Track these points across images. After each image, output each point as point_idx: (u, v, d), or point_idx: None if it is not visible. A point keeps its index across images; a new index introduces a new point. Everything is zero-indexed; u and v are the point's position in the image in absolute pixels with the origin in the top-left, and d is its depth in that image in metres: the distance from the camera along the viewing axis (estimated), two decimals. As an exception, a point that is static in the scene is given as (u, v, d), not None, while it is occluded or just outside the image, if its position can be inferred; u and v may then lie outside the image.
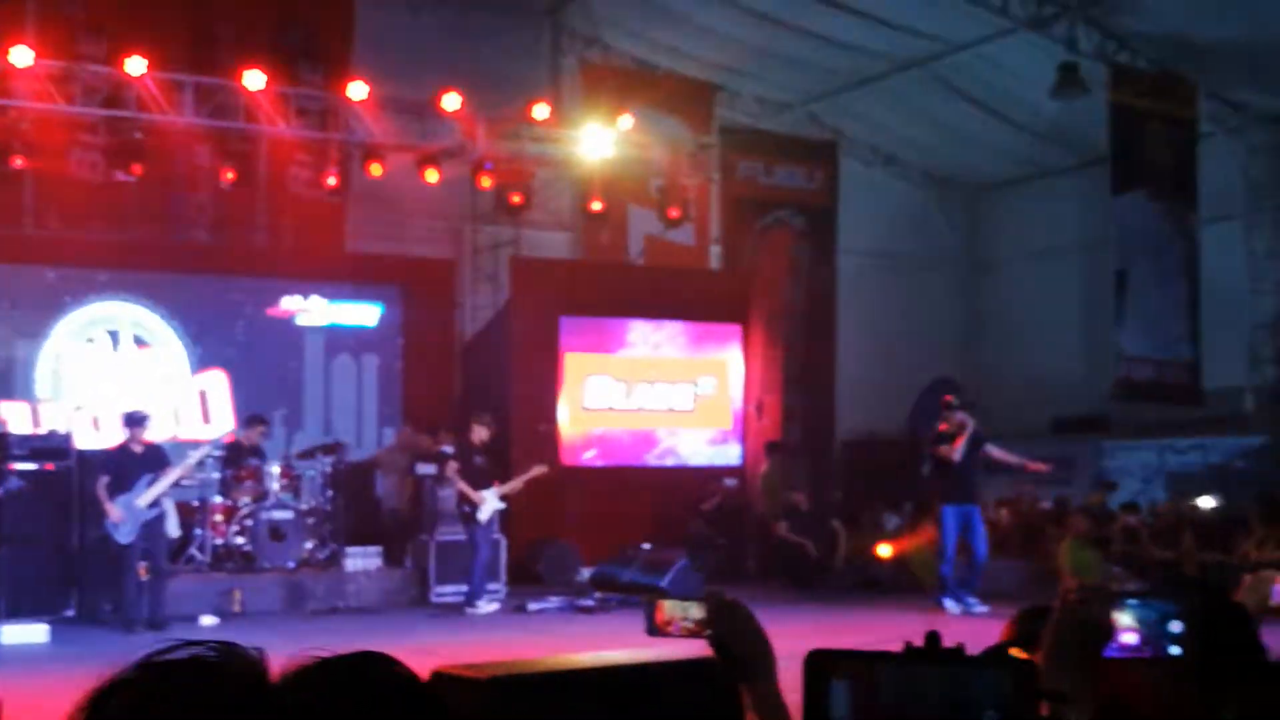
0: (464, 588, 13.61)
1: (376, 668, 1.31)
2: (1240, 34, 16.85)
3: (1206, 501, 15.80)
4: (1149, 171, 17.97)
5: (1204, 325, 18.17)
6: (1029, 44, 17.47)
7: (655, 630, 2.43)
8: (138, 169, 14.67)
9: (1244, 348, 19.04)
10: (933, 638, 1.82)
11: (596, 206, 17.56)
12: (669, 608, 2.41)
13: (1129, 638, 2.06)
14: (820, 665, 1.80)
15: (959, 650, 1.79)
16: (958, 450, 13.37)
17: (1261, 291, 19.22)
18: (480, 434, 13.93)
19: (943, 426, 13.70)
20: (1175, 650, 2.07)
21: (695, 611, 2.35)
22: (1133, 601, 2.07)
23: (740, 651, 2.24)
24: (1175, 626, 2.06)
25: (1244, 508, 15.50)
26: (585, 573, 15.31)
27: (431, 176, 16.11)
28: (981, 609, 12.80)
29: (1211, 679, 3.03)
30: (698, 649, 2.41)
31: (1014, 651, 2.47)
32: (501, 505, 13.91)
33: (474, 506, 13.58)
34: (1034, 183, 21.58)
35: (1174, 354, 17.93)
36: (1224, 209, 18.89)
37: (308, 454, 14.88)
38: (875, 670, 1.77)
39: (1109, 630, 2.03)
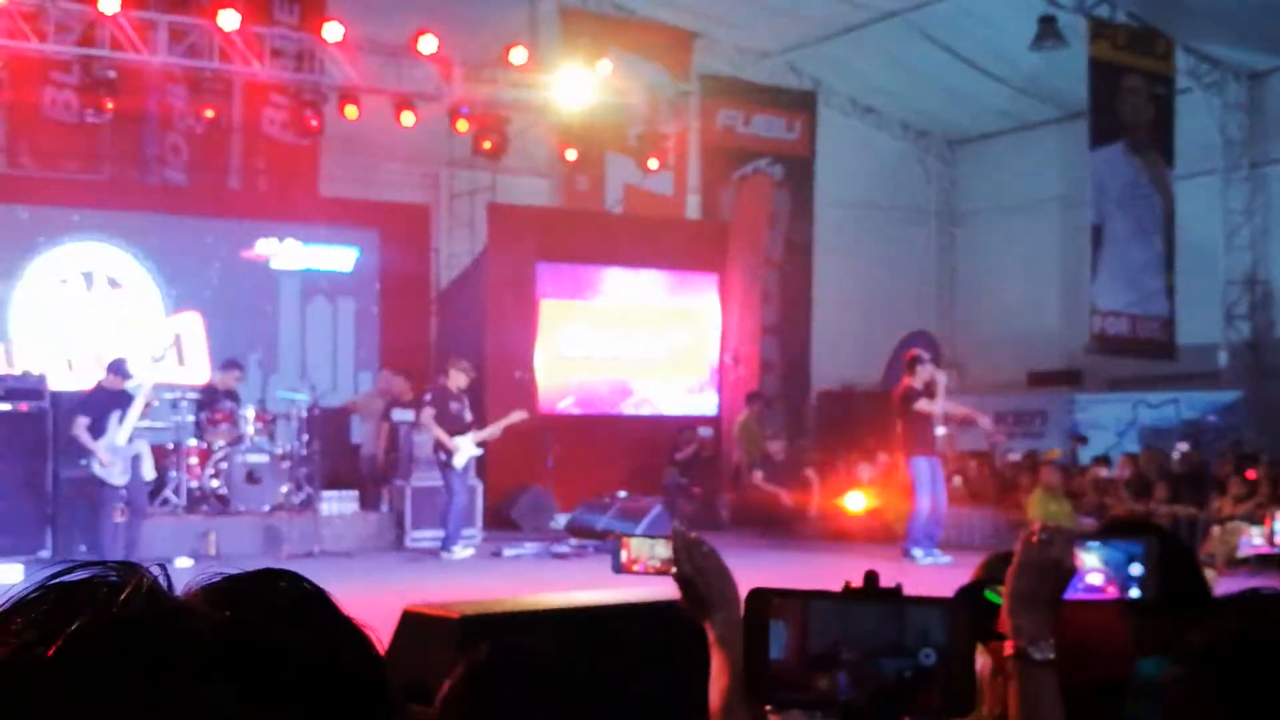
0: (440, 533, 13.62)
1: (283, 582, 1.30)
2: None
3: (1178, 449, 15.94)
4: (1126, 126, 18.01)
5: (1179, 281, 18.26)
6: (1009, -5, 17.43)
7: (621, 568, 2.46)
8: (110, 108, 14.51)
9: (1219, 304, 19.15)
10: (870, 577, 1.84)
11: (571, 155, 17.48)
12: (635, 546, 2.44)
13: (1094, 578, 2.07)
14: (760, 604, 1.83)
15: (896, 590, 1.81)
16: (939, 404, 13.37)
17: (1237, 248, 19.31)
18: (458, 380, 13.90)
19: (907, 380, 13.66)
20: (1136, 593, 2.07)
21: (661, 550, 2.37)
22: (1095, 543, 2.08)
23: (704, 589, 2.27)
24: (1136, 569, 2.06)
25: (1216, 462, 15.64)
26: (561, 519, 15.35)
27: (407, 120, 15.99)
28: (945, 559, 12.89)
29: (1168, 620, 3.09)
30: (665, 588, 2.44)
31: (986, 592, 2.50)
32: (478, 451, 13.92)
33: (450, 453, 13.57)
34: (1012, 135, 21.58)
35: (1149, 309, 18.03)
36: (1201, 165, 18.94)
37: (282, 397, 14.86)
38: (813, 608, 1.80)
39: (1071, 571, 2.03)
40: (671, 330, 18.18)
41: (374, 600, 9.06)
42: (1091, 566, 2.07)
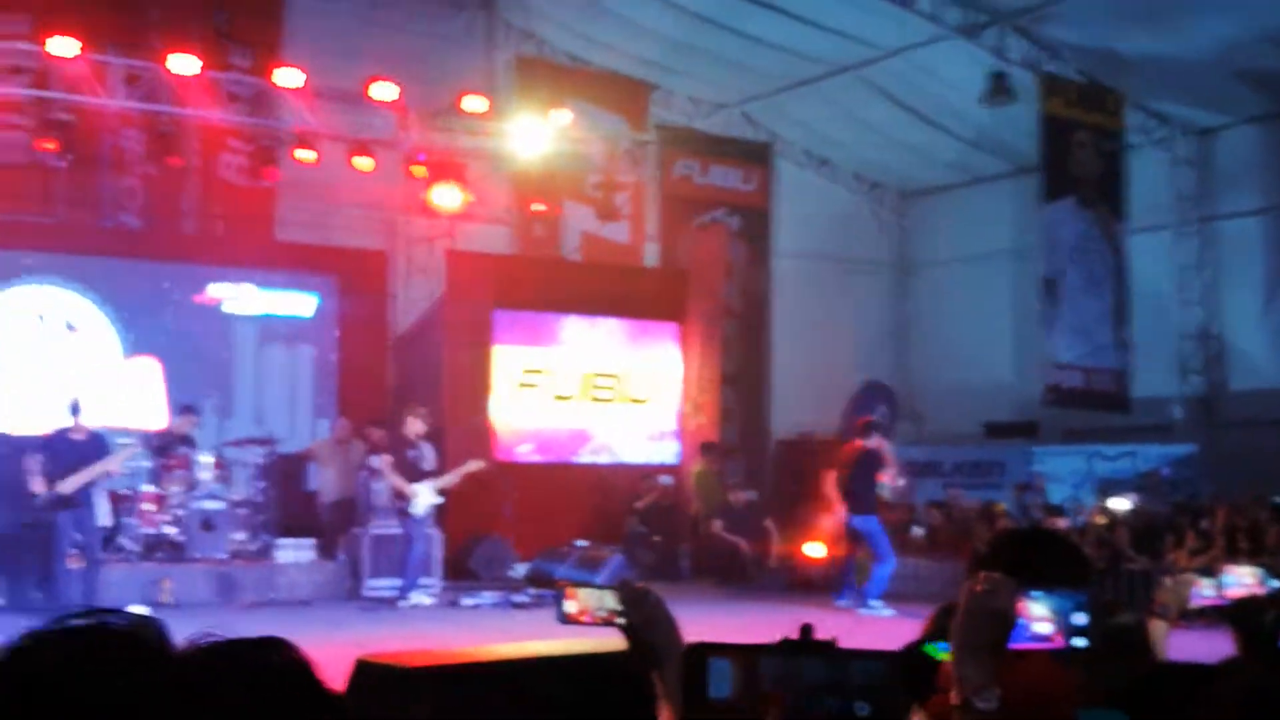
0: (398, 581, 13.47)
1: (274, 653, 1.36)
2: (1166, 48, 17.19)
3: (1122, 504, 16.06)
4: (1078, 180, 18.27)
5: (1133, 334, 18.47)
6: (960, 51, 17.69)
7: (567, 619, 2.44)
8: (64, 151, 14.36)
9: (1172, 357, 19.37)
10: (806, 630, 1.87)
11: (539, 207, 17.53)
12: (583, 596, 2.43)
13: (1041, 627, 2.06)
14: (699, 655, 1.86)
15: (831, 643, 1.85)
16: (894, 473, 14.07)
17: (1189, 302, 19.56)
18: (415, 427, 13.80)
19: (861, 443, 13.89)
20: (1079, 641, 2.06)
21: (609, 600, 2.37)
22: (1039, 593, 2.07)
23: (652, 640, 2.27)
24: (1079, 618, 2.06)
25: (1169, 515, 15.77)
26: (520, 569, 15.22)
27: (363, 165, 15.96)
28: (889, 612, 13.05)
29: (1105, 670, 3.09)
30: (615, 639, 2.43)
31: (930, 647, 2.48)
32: (438, 499, 13.80)
33: (408, 500, 13.45)
34: (965, 189, 21.83)
35: (1103, 361, 18.21)
36: (1151, 219, 19.22)
37: (238, 444, 14.68)
38: (750, 661, 1.83)
39: (1014, 619, 2.03)
40: (631, 378, 18.15)
41: (330, 649, 8.90)
42: (1037, 615, 2.05)
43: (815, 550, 15.91)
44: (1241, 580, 3.89)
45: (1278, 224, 18.86)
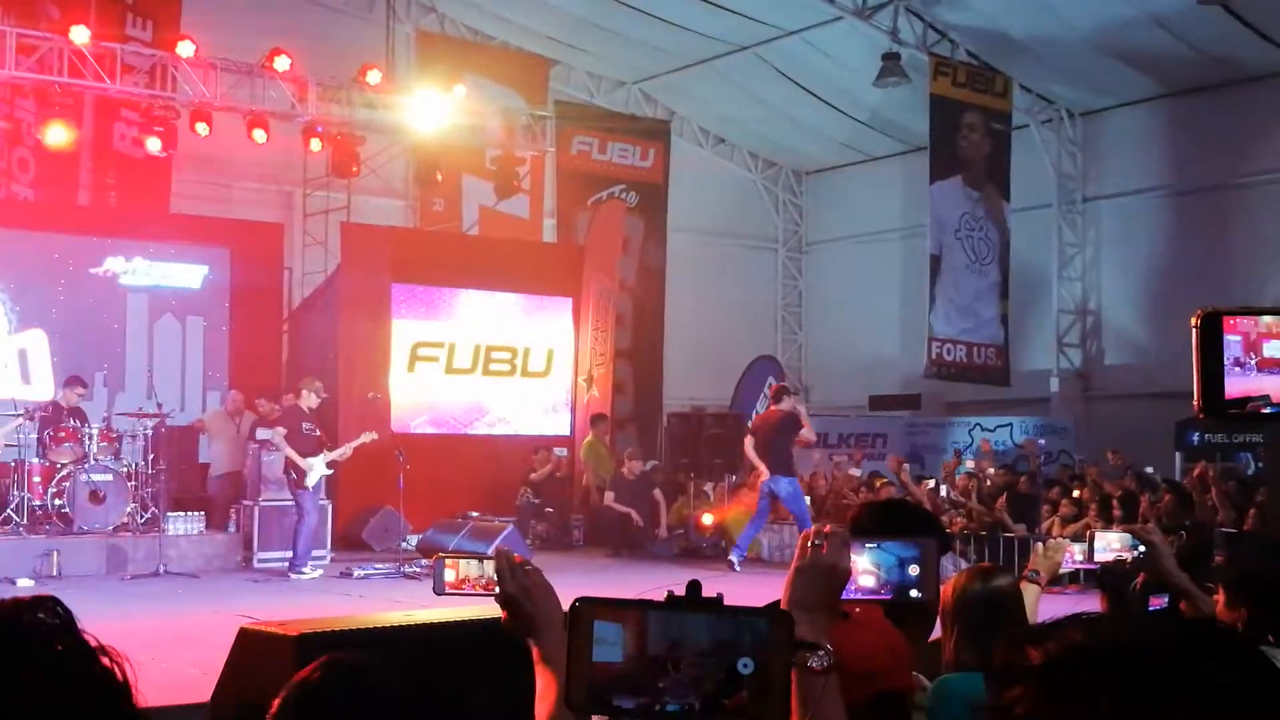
0: (288, 553, 13.60)
1: (31, 614, 1.43)
2: (1052, 31, 17.66)
3: (998, 472, 16.61)
4: (965, 160, 18.72)
5: (1014, 310, 18.99)
6: (855, 32, 18.05)
7: (444, 589, 2.46)
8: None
9: (1051, 333, 19.96)
10: (694, 586, 1.85)
11: (439, 177, 17.58)
12: (462, 566, 2.45)
13: (866, 580, 2.09)
14: (584, 613, 1.81)
15: (717, 600, 1.82)
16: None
17: (1069, 279, 20.16)
18: (309, 400, 13.89)
19: (775, 408, 14.32)
20: (915, 594, 2.10)
21: (487, 570, 2.39)
22: (870, 545, 2.11)
23: (528, 609, 2.27)
24: (913, 570, 2.09)
25: (1044, 483, 16.32)
26: (413, 540, 15.37)
27: (260, 138, 15.94)
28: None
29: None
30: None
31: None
32: (328, 471, 13.94)
33: (302, 473, 13.57)
34: (857, 168, 22.24)
35: (984, 336, 18.72)
36: (1036, 199, 19.75)
37: (130, 414, 14.68)
38: (636, 617, 1.79)
39: (846, 574, 2.05)
40: (526, 351, 18.34)
41: (219, 620, 9.11)
42: (865, 569, 2.08)
43: (704, 521, 16.30)
44: (1110, 546, 4.13)
45: (1157, 204, 19.47)
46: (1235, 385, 1.55)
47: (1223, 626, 1.45)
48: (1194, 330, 1.57)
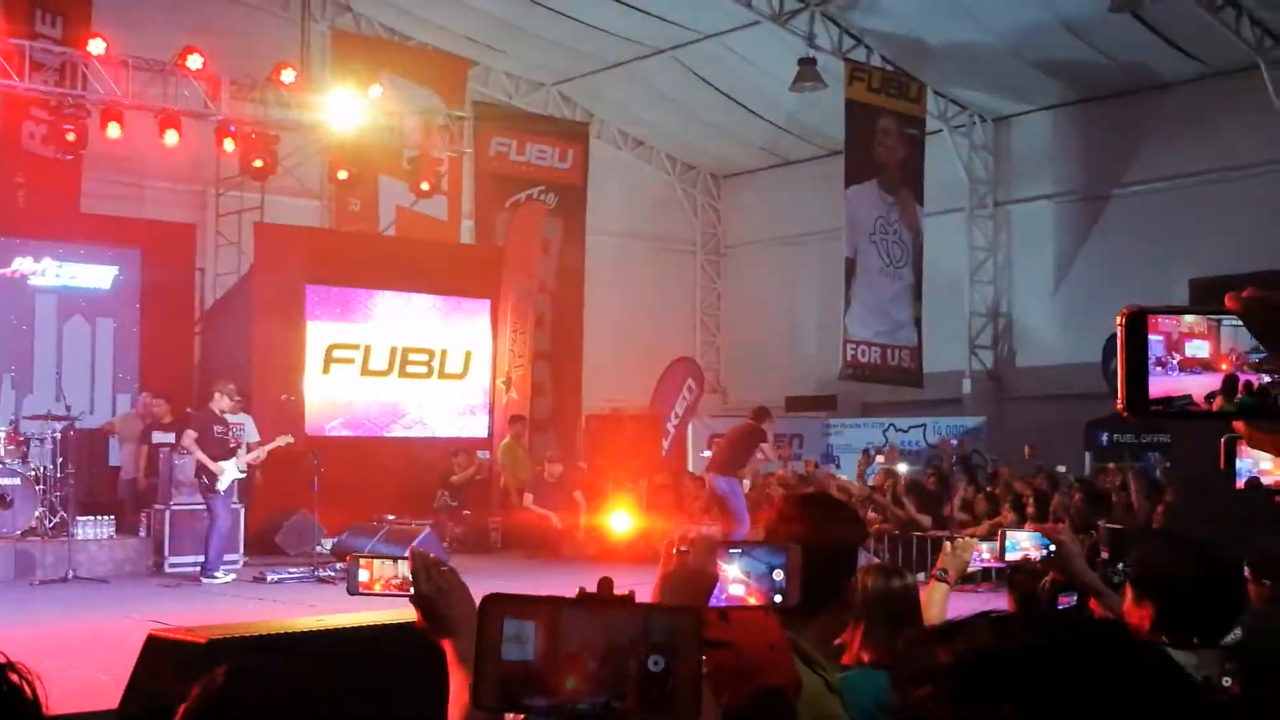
0: (200, 558, 13.44)
1: None
2: (966, 37, 17.90)
3: (902, 468, 16.87)
4: (880, 165, 18.91)
5: (927, 312, 19.22)
6: (772, 36, 18.17)
7: (358, 589, 2.44)
8: None
9: (964, 334, 20.23)
10: (605, 583, 1.83)
11: (343, 175, 17.44)
12: (376, 567, 2.44)
13: (736, 588, 2.10)
14: (493, 609, 1.78)
15: (628, 597, 1.80)
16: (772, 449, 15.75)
17: (980, 282, 20.45)
18: (221, 403, 13.74)
19: (754, 423, 15.17)
20: (778, 599, 2.11)
21: (401, 570, 2.38)
22: (736, 551, 2.10)
23: (443, 609, 2.26)
24: (779, 576, 2.10)
25: (955, 482, 16.55)
26: (328, 544, 15.24)
27: (171, 138, 15.73)
28: None
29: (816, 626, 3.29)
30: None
31: None
32: (241, 475, 13.79)
33: (213, 476, 13.42)
34: (774, 171, 22.39)
35: (898, 338, 18.93)
36: (948, 202, 20.02)
37: (38, 418, 14.43)
38: (546, 613, 1.77)
39: (713, 579, 2.06)
40: (444, 353, 18.26)
41: (129, 626, 8.98)
42: (734, 576, 2.08)
43: (621, 523, 16.31)
44: (1020, 545, 4.16)
45: (1067, 208, 19.82)
46: (1157, 385, 1.58)
47: (1127, 627, 1.47)
48: (1119, 328, 1.59)
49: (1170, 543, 4.33)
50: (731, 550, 2.09)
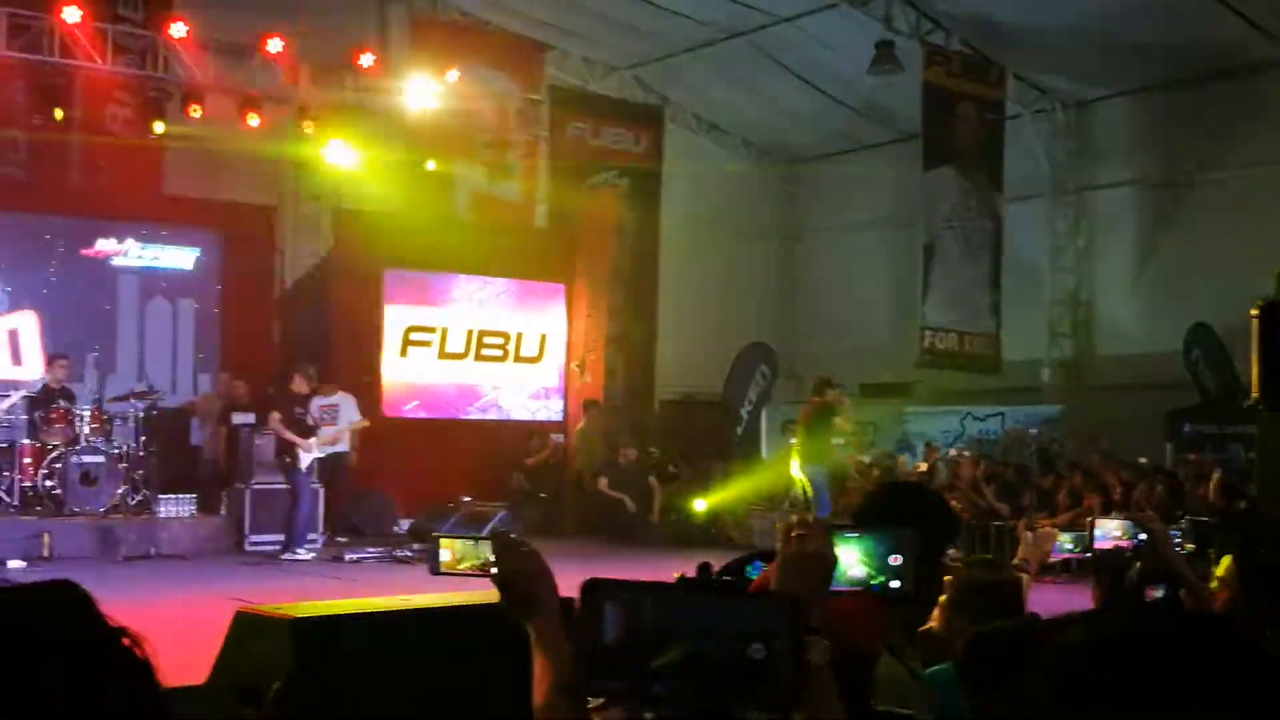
0: (279, 536, 13.62)
1: (49, 597, 1.47)
2: (1047, 20, 17.64)
3: (954, 455, 16.74)
4: (958, 149, 18.69)
5: (1006, 299, 19.00)
6: (849, 19, 18.00)
7: (440, 570, 2.45)
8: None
9: (1043, 322, 19.98)
10: (704, 569, 1.90)
11: (430, 165, 17.55)
12: (458, 548, 2.45)
13: (856, 571, 2.09)
14: (595, 594, 1.80)
15: (731, 583, 1.88)
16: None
17: (1061, 269, 20.18)
18: (301, 385, 13.93)
19: (815, 400, 14.91)
20: (895, 583, 2.11)
21: (484, 552, 2.39)
22: (852, 534, 2.11)
23: (524, 590, 2.23)
24: (895, 560, 2.10)
25: (1035, 472, 16.40)
26: (405, 524, 15.39)
27: (252, 120, 15.88)
28: None
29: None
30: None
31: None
32: (321, 455, 13.95)
33: (295, 456, 13.58)
34: (850, 156, 22.19)
35: (976, 325, 18.73)
36: (1028, 189, 19.75)
37: (121, 398, 14.67)
38: (647, 599, 1.78)
39: (832, 563, 2.05)
40: (519, 337, 18.33)
41: (211, 603, 9.10)
42: (853, 559, 2.08)
43: (697, 508, 16.32)
44: (1110, 534, 4.09)
45: (1149, 194, 19.49)
46: None
47: (1229, 622, 1.44)
48: (1254, 320, 1.54)
49: (1269, 533, 4.25)
50: (849, 534, 2.09)
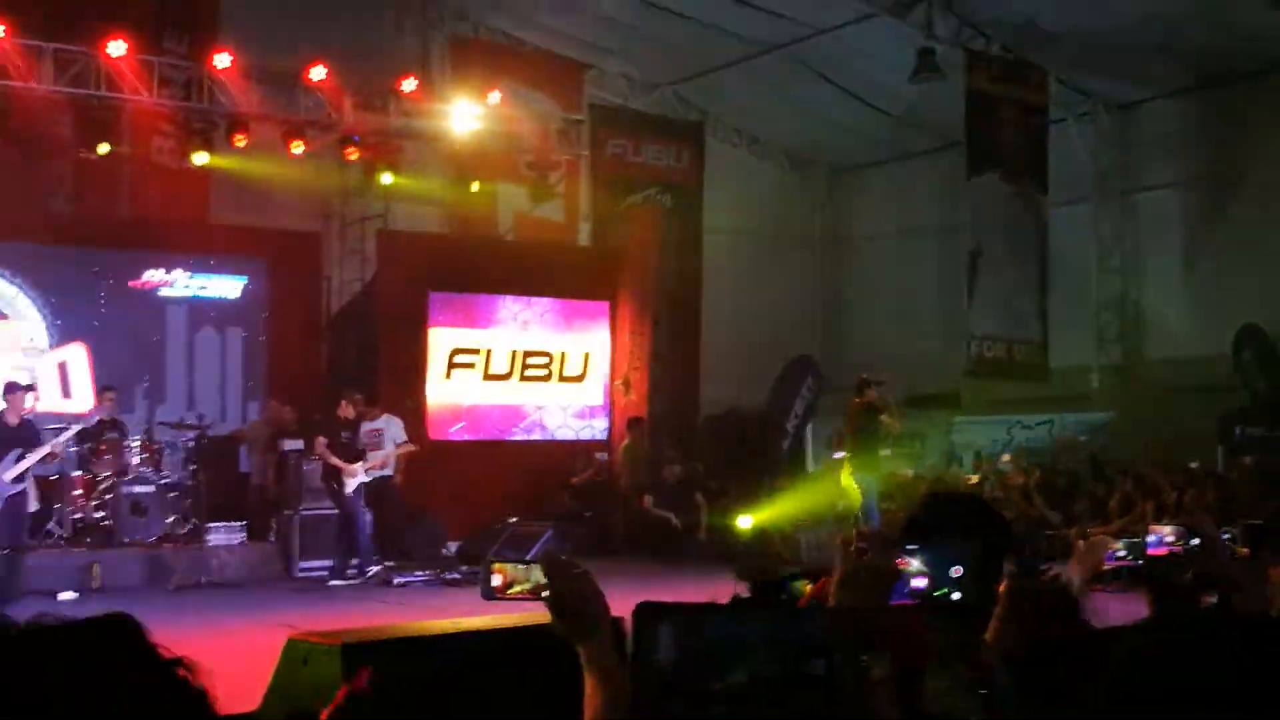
0: (328, 562, 13.68)
1: (103, 630, 1.47)
2: (1087, 22, 17.50)
3: (1004, 465, 16.55)
4: (1002, 155, 18.55)
5: (1053, 305, 18.83)
6: (888, 28, 17.94)
7: (492, 594, 2.44)
8: (-5, 137, 14.37)
9: (1091, 327, 19.79)
10: (760, 587, 1.87)
11: (475, 186, 17.63)
12: (509, 571, 2.43)
13: (919, 582, 2.11)
14: (648, 616, 1.80)
15: (787, 602, 1.87)
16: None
17: (1108, 273, 19.98)
18: (347, 410, 14.00)
19: (858, 401, 14.39)
20: (956, 595, 2.14)
21: (535, 574, 2.37)
22: (913, 546, 2.13)
23: (576, 611, 2.24)
24: (955, 571, 2.13)
25: (1086, 479, 16.23)
26: (453, 547, 15.41)
27: (297, 148, 16.02)
28: None
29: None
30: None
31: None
32: (367, 479, 13.99)
33: (341, 481, 13.64)
34: (893, 165, 22.10)
35: (1024, 333, 18.56)
36: (1074, 192, 19.57)
37: (170, 425, 14.80)
38: (701, 619, 1.78)
39: (893, 576, 2.08)
40: (564, 357, 18.35)
41: (262, 630, 9.14)
42: (915, 570, 2.10)
43: (744, 523, 16.25)
44: (1164, 539, 4.01)
45: (1196, 196, 19.28)
46: None
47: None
48: None
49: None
50: (910, 546, 2.10)
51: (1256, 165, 18.21)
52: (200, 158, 15.62)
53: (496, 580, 2.44)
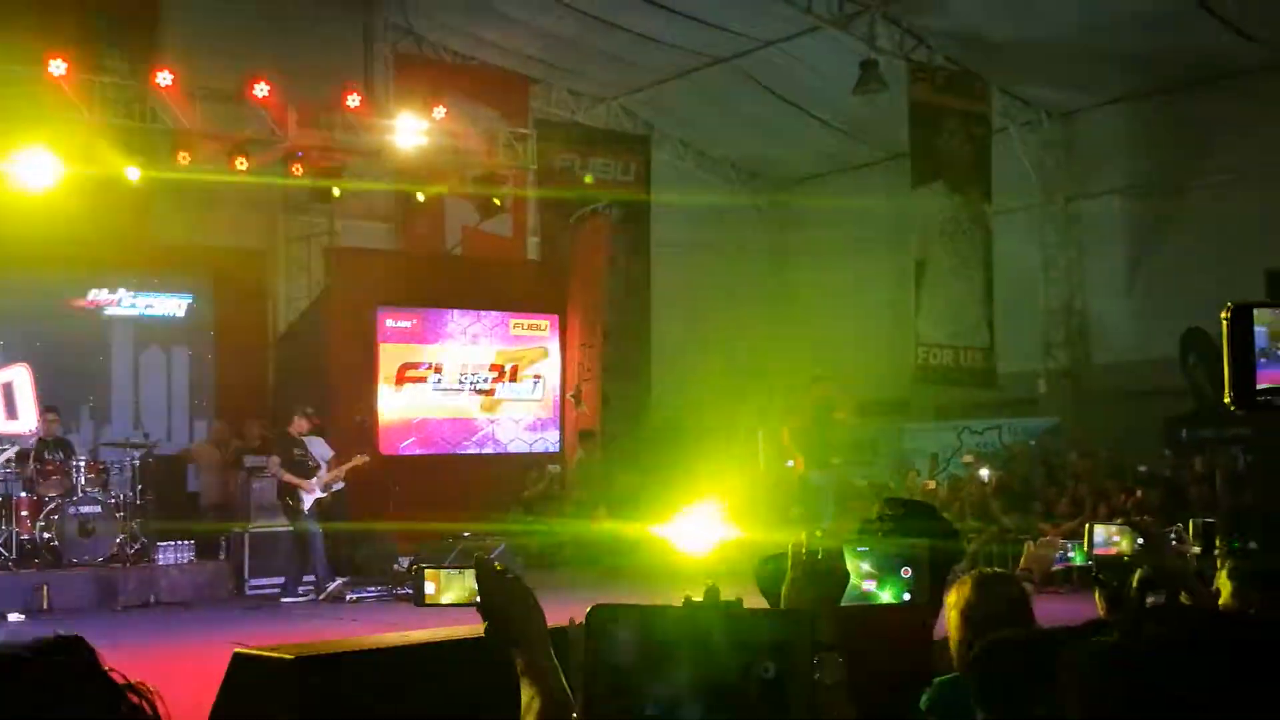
0: (279, 579, 13.58)
1: (55, 655, 1.47)
2: (1030, 33, 17.70)
3: (984, 472, 16.64)
4: (946, 165, 18.71)
5: (999, 312, 18.99)
6: (832, 41, 18.08)
7: (425, 601, 2.43)
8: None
9: (1037, 333, 19.97)
10: (712, 590, 1.82)
11: (420, 197, 17.58)
12: (443, 579, 2.42)
13: (868, 584, 2.12)
14: (601, 619, 1.78)
15: (736, 603, 1.78)
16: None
17: (1053, 279, 20.18)
18: (300, 426, 13.91)
19: (812, 397, 14.65)
20: (906, 595, 2.13)
21: (469, 581, 2.34)
22: (864, 549, 2.13)
23: (509, 619, 2.22)
24: (905, 572, 2.12)
25: (1037, 483, 16.36)
26: (404, 561, 15.32)
27: (241, 165, 15.91)
28: None
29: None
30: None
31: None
32: (322, 495, 13.91)
33: (297, 498, 13.55)
34: (840, 176, 22.23)
35: (971, 340, 18.71)
36: (1018, 200, 19.77)
37: (117, 445, 14.65)
38: (654, 621, 1.75)
39: (845, 577, 2.06)
40: (513, 370, 18.33)
41: (213, 648, 9.06)
42: (865, 572, 2.10)
43: (692, 534, 16.21)
44: (1111, 539, 4.04)
45: (1139, 202, 19.51)
46: (1264, 377, 1.54)
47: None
48: (1224, 323, 1.54)
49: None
50: (860, 549, 2.10)
51: (1198, 171, 18.46)
52: (133, 173, 15.42)
53: (430, 588, 2.43)
